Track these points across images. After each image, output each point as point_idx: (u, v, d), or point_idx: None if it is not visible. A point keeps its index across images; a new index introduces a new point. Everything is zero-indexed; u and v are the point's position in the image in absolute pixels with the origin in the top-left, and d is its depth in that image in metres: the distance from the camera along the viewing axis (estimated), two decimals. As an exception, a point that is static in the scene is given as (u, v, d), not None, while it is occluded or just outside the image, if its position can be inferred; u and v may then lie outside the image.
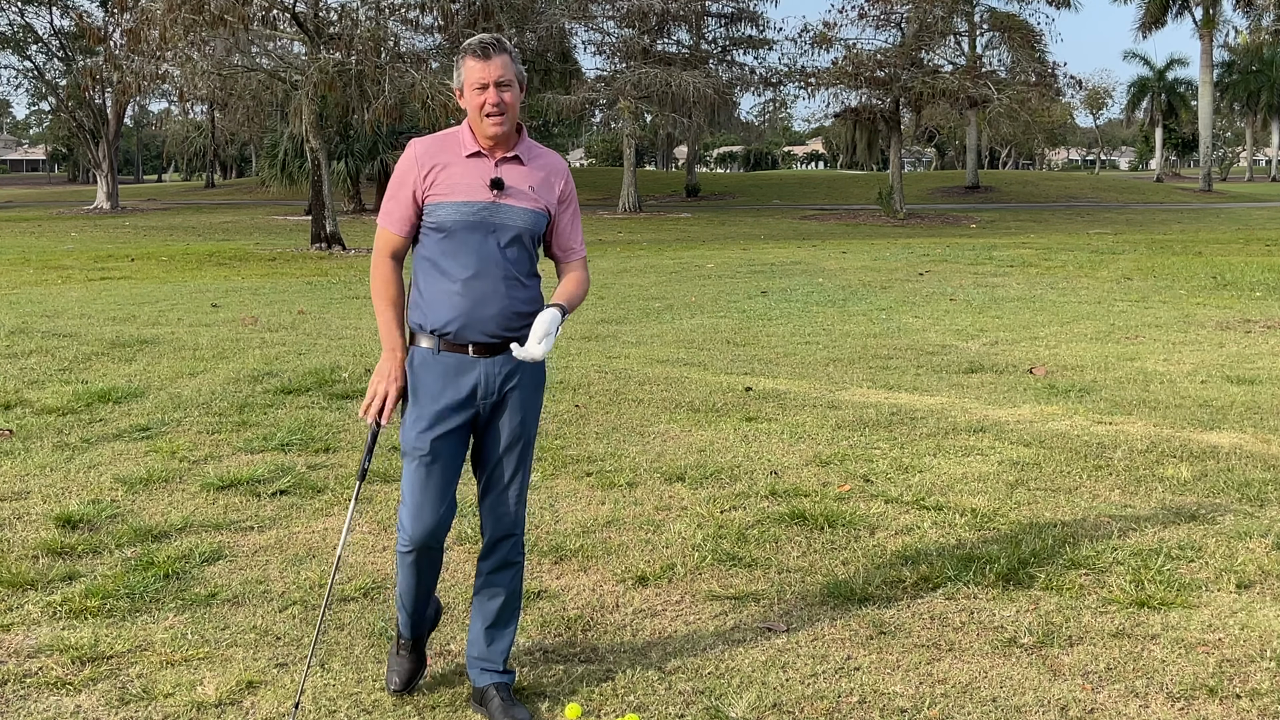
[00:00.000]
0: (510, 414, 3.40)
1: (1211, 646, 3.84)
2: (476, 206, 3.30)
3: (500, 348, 3.34)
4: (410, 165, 3.36)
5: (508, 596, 3.51)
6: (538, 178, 3.39)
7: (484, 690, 3.45)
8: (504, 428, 3.40)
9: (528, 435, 3.45)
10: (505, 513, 3.46)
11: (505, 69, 3.29)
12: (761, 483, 5.74)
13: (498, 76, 3.27)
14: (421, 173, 3.33)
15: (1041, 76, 39.41)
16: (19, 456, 6.28)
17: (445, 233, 3.31)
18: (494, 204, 3.31)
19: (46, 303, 13.65)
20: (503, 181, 3.32)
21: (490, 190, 3.31)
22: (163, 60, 26.02)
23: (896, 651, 3.84)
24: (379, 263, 3.39)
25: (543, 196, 3.39)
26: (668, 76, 38.64)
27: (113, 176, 46.91)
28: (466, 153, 3.35)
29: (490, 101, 3.27)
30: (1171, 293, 14.04)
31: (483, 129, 3.32)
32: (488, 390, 3.36)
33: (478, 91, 3.29)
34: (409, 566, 3.46)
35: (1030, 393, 7.96)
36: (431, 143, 3.39)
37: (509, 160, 3.36)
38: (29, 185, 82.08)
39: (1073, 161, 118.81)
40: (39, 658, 3.82)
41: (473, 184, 3.32)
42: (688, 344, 10.35)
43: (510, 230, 3.33)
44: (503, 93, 3.28)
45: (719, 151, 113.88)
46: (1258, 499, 5.40)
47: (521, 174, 3.37)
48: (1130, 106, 73.21)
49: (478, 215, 3.30)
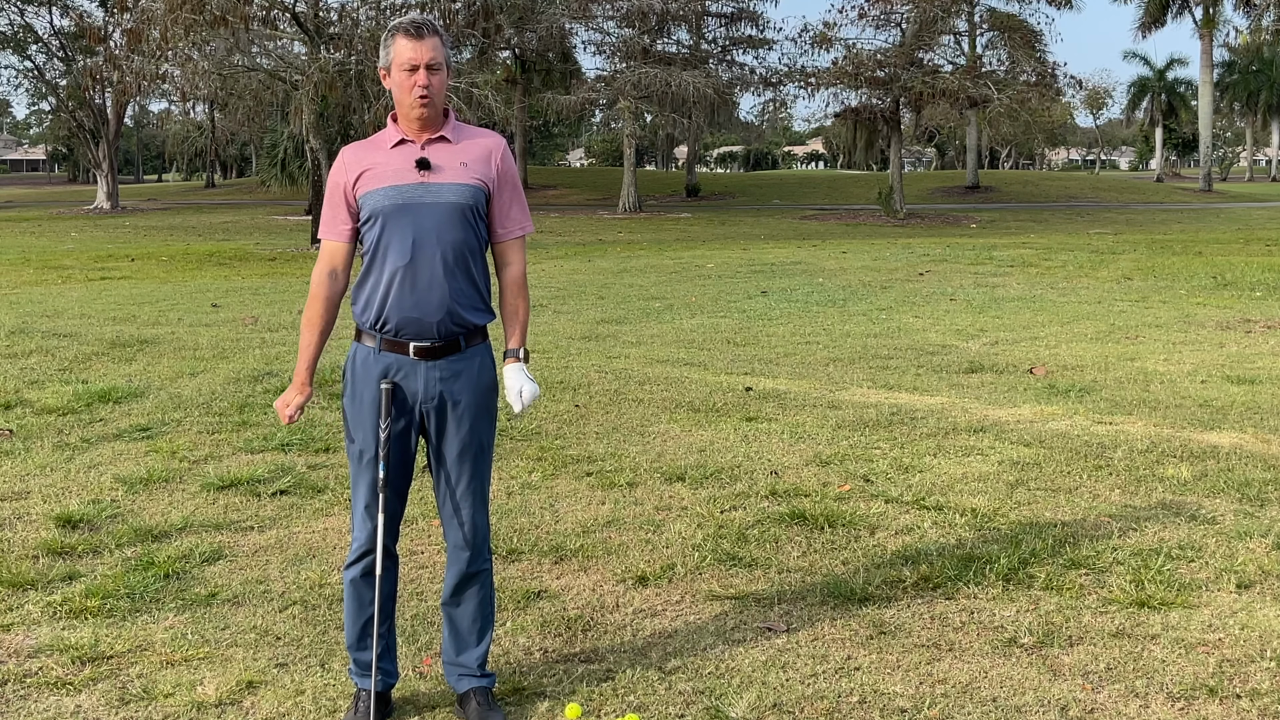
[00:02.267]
0: (457, 419, 3.30)
1: (1211, 646, 3.84)
2: (405, 188, 3.21)
3: (442, 351, 3.26)
4: (340, 171, 3.30)
5: (478, 604, 3.44)
6: (471, 154, 3.29)
7: (464, 695, 3.43)
8: (452, 434, 3.31)
9: (480, 441, 3.34)
10: (461, 522, 3.36)
11: (436, 51, 3.20)
12: (761, 483, 5.74)
13: (429, 59, 3.19)
14: (351, 176, 3.27)
15: (1041, 76, 39.38)
16: (19, 456, 6.28)
17: (378, 221, 3.21)
18: (423, 184, 3.22)
19: (46, 303, 13.65)
20: (428, 160, 3.23)
21: (418, 171, 3.22)
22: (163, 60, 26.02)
23: (896, 651, 3.84)
24: (316, 279, 3.31)
25: (476, 170, 3.28)
26: (668, 76, 38.62)
27: (113, 176, 46.90)
28: (391, 144, 3.27)
29: (419, 84, 3.18)
30: (1171, 293, 14.04)
31: (408, 111, 3.23)
32: (428, 394, 3.27)
33: (407, 73, 3.20)
34: (356, 583, 3.36)
35: (1030, 393, 7.96)
36: (359, 146, 3.34)
37: (435, 141, 3.27)
38: (29, 185, 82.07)
39: (1073, 161, 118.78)
40: (39, 658, 3.82)
41: (400, 168, 3.23)
42: (688, 344, 10.35)
43: (444, 207, 3.21)
44: (432, 76, 3.20)
45: (719, 151, 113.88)
46: (1258, 499, 5.40)
47: (451, 151, 3.27)
48: (1130, 106, 73.23)
49: (407, 196, 3.20)
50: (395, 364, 3.26)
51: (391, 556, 3.40)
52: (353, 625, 3.42)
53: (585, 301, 13.68)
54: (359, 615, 3.40)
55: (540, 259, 20.22)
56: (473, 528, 3.38)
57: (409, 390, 3.27)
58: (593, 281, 16.15)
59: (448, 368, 3.28)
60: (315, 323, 3.35)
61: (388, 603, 3.42)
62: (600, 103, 43.68)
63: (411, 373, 3.26)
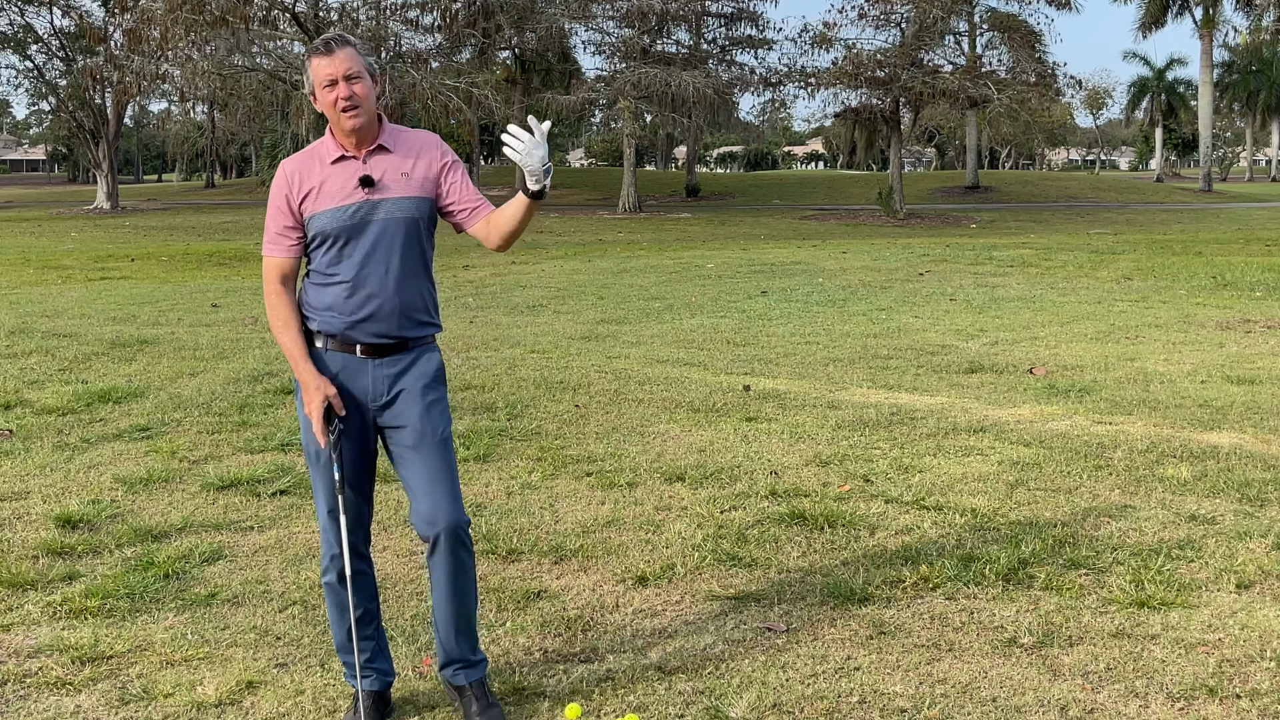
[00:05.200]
0: (407, 409, 3.27)
1: (1211, 646, 3.84)
2: (351, 209, 3.22)
3: (390, 349, 3.27)
4: (282, 185, 3.28)
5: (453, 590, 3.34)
6: (409, 163, 3.28)
7: (461, 689, 3.42)
8: (406, 425, 3.27)
9: (435, 429, 3.29)
10: (425, 510, 3.26)
11: (352, 60, 3.20)
12: (761, 483, 5.74)
13: (345, 70, 3.19)
14: (294, 190, 3.25)
15: (1041, 76, 39.38)
16: (19, 456, 6.29)
17: (326, 242, 3.23)
18: (368, 201, 3.22)
19: (46, 303, 13.65)
20: (371, 178, 3.23)
21: (362, 189, 3.22)
22: (163, 60, 26.05)
23: (896, 651, 3.84)
24: (268, 292, 3.29)
25: (419, 179, 3.28)
26: (667, 76, 38.63)
27: (113, 176, 46.88)
28: (332, 158, 3.26)
29: (341, 95, 3.18)
30: (1171, 293, 14.04)
31: (340, 126, 3.22)
32: (377, 392, 3.27)
33: (328, 89, 3.20)
34: (332, 588, 3.36)
35: (1030, 393, 7.96)
36: (299, 159, 3.31)
37: (375, 152, 3.27)
38: (29, 185, 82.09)
39: (1073, 161, 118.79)
40: (39, 658, 3.82)
41: (343, 188, 3.23)
42: (688, 344, 10.35)
43: (392, 223, 3.23)
44: (353, 85, 3.19)
45: (719, 151, 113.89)
46: (1258, 499, 5.40)
47: (392, 162, 3.27)
48: (1130, 106, 73.27)
49: (354, 217, 3.21)
50: (343, 363, 3.27)
51: (363, 558, 3.38)
52: (338, 629, 3.43)
53: (585, 301, 13.69)
54: (341, 620, 3.40)
55: (540, 259, 20.22)
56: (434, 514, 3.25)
57: (358, 389, 3.27)
58: (593, 281, 16.15)
59: (395, 363, 3.28)
60: (291, 323, 3.30)
61: (370, 604, 3.42)
62: (600, 103, 43.70)
63: (360, 370, 3.27)
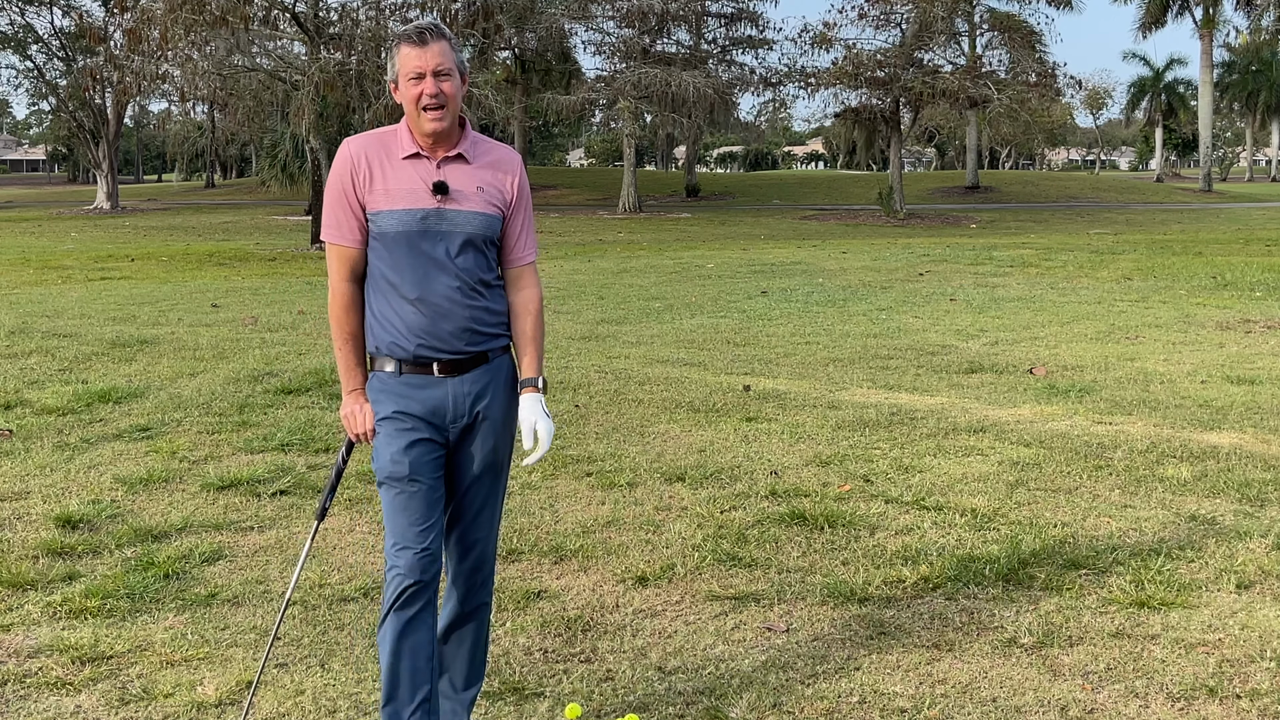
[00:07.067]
0: (483, 439, 3.08)
1: (1211, 646, 3.84)
2: (420, 214, 2.96)
3: (467, 364, 3.03)
4: (346, 166, 3.02)
5: (470, 647, 3.21)
6: (486, 177, 3.05)
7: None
8: (476, 453, 3.08)
9: (499, 461, 3.14)
10: (473, 542, 3.13)
11: (444, 56, 2.94)
12: (761, 483, 5.74)
13: (436, 65, 2.93)
14: (360, 178, 3.00)
15: (1041, 76, 39.38)
16: (19, 456, 6.29)
17: (390, 244, 2.98)
18: (439, 210, 2.97)
19: (46, 303, 13.65)
20: (446, 185, 2.98)
21: (434, 195, 2.97)
22: (163, 60, 26.04)
23: (896, 651, 3.84)
24: (336, 289, 3.04)
25: (494, 197, 3.05)
26: (667, 76, 38.63)
27: (113, 176, 46.87)
28: (404, 154, 3.01)
29: (428, 92, 2.93)
30: (1171, 293, 14.04)
31: (420, 125, 2.97)
32: (457, 413, 3.03)
33: (414, 82, 2.94)
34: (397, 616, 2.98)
35: (1030, 393, 7.96)
36: (367, 141, 3.05)
37: (452, 160, 3.02)
38: (29, 185, 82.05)
39: (1073, 161, 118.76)
40: (39, 658, 3.82)
41: (414, 189, 2.98)
42: (688, 344, 10.35)
43: (460, 237, 2.98)
44: (441, 83, 2.94)
45: (719, 151, 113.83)
46: (1258, 499, 5.40)
47: (467, 174, 3.02)
48: (1130, 106, 73.22)
49: (422, 224, 2.96)
50: (421, 383, 3.02)
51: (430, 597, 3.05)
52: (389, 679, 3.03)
53: (585, 301, 13.69)
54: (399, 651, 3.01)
55: (540, 259, 20.18)
56: (483, 553, 3.15)
57: (435, 410, 3.02)
58: (593, 282, 16.15)
59: (475, 381, 3.05)
60: (355, 331, 3.06)
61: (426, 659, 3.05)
62: (600, 103, 43.64)
63: (438, 389, 3.02)
